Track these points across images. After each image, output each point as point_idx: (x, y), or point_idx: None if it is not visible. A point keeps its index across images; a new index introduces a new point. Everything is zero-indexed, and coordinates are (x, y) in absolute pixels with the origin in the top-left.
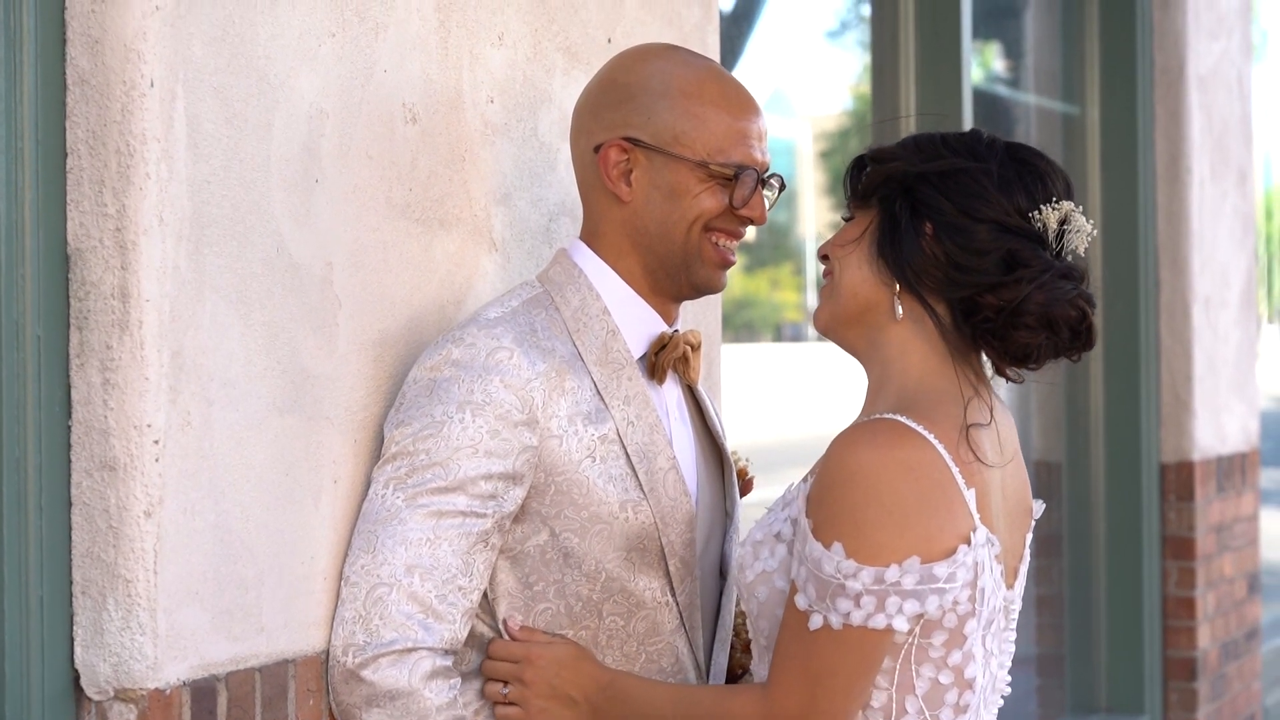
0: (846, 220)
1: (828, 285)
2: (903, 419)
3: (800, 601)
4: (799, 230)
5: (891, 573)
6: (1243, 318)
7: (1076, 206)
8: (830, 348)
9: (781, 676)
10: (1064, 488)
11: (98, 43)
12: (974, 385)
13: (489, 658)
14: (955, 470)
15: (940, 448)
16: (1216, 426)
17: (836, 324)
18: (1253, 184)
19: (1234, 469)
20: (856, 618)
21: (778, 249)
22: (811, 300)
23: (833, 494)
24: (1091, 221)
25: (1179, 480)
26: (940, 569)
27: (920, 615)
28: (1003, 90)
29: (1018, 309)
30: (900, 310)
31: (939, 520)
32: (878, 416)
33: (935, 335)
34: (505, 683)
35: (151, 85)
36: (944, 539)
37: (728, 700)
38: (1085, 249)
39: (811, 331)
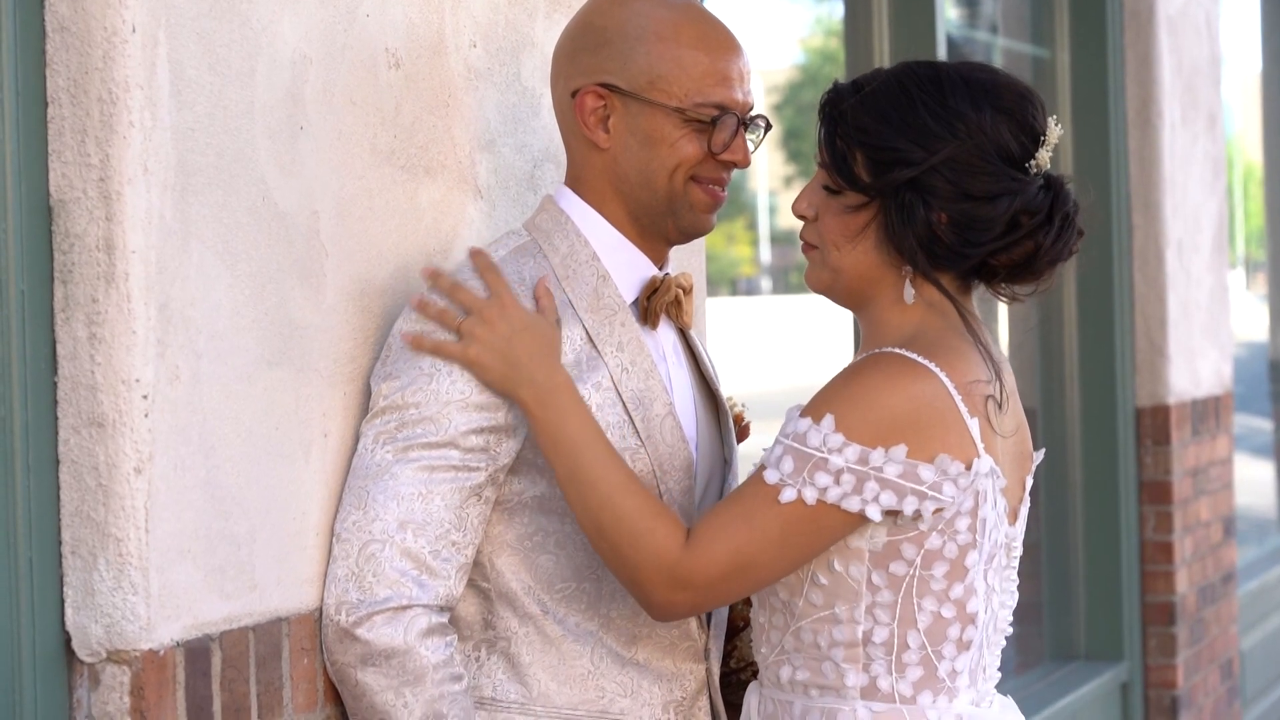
0: (831, 191)
1: (818, 254)
2: (904, 352)
3: (770, 476)
4: (752, 184)
5: (876, 455)
6: (1214, 262)
7: (1055, 124)
8: (786, 302)
9: (717, 536)
10: (1040, 434)
11: None
12: (976, 331)
13: (472, 261)
14: (958, 398)
15: (944, 377)
16: (1191, 370)
17: (835, 293)
18: (1221, 127)
19: (1208, 412)
20: (833, 494)
21: (732, 203)
22: (765, 254)
23: (830, 385)
24: (1055, 116)
25: (1155, 424)
26: (925, 471)
27: (895, 511)
28: (972, 33)
29: (1030, 262)
30: (912, 293)
31: (935, 438)
32: (879, 350)
33: (941, 297)
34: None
35: (133, 31)
36: (936, 449)
37: (651, 518)
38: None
39: (766, 285)
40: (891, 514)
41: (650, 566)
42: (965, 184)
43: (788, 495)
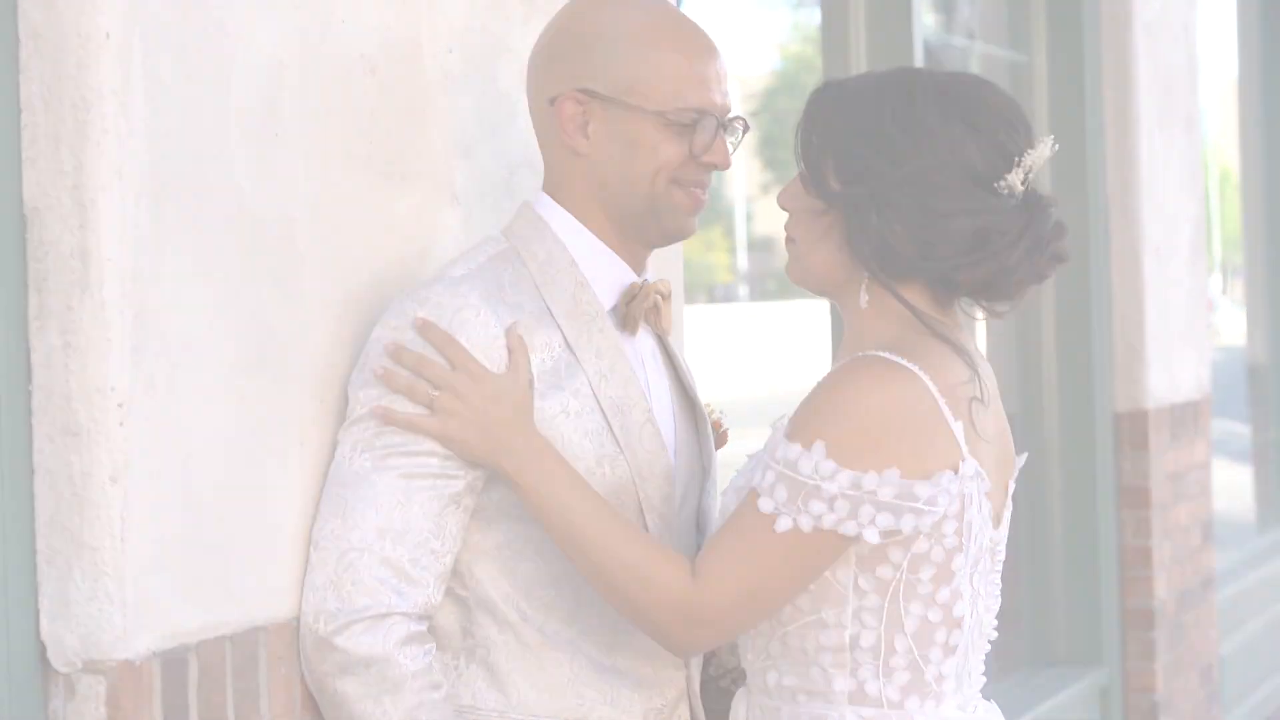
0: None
1: (795, 248)
2: (887, 355)
3: (765, 505)
4: (729, 192)
5: (869, 480)
6: (1192, 266)
7: (1037, 142)
8: (763, 309)
9: (721, 570)
10: (1018, 439)
11: None
12: (953, 334)
13: (423, 336)
14: (942, 402)
15: (927, 380)
16: (1169, 375)
17: (809, 287)
18: (1199, 131)
19: (1187, 417)
20: (828, 521)
21: (709, 211)
22: (742, 261)
23: (815, 402)
24: (1050, 139)
25: (1133, 429)
26: (921, 489)
27: (894, 531)
28: (949, 39)
29: (998, 279)
30: (866, 300)
31: (923, 447)
32: (861, 354)
33: (916, 302)
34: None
35: (108, 37)
36: (927, 463)
37: (655, 563)
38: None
39: (744, 293)
40: (891, 533)
41: (664, 610)
42: (925, 200)
43: (783, 525)
